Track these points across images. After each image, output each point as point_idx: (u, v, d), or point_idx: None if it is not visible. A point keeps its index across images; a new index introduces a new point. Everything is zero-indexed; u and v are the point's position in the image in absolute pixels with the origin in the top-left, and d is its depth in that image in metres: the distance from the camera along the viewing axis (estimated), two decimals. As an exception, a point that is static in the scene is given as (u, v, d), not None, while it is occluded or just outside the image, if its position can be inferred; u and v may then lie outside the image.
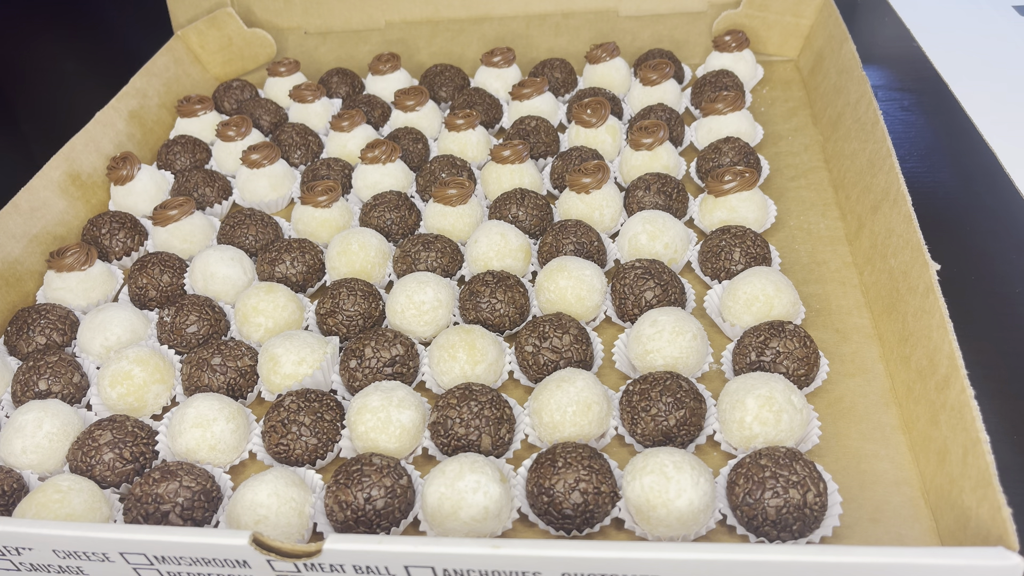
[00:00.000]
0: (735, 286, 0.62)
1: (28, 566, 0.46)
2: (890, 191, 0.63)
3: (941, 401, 0.50)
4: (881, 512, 0.51)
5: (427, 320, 0.64)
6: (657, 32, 0.98)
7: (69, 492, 0.52)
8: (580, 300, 0.63)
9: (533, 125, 0.83)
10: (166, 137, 0.95)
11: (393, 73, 0.96)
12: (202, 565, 0.43)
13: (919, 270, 0.56)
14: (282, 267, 0.70)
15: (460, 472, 0.50)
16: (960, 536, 0.46)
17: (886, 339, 0.61)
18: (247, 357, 0.63)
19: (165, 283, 0.71)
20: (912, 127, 0.89)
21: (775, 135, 0.84)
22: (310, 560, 0.41)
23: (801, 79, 0.92)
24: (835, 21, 0.85)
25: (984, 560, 0.36)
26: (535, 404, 0.56)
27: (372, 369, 0.60)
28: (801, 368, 0.56)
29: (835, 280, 0.67)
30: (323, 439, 0.57)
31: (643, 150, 0.76)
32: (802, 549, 0.37)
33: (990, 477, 0.43)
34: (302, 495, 0.52)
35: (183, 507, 0.52)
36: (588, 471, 0.50)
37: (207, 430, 0.56)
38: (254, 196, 0.82)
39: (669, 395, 0.54)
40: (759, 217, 0.71)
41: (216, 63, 1.04)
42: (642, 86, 0.86)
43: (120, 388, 0.60)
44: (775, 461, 0.49)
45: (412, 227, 0.76)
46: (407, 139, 0.85)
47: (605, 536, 0.52)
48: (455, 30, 1.02)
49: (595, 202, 0.72)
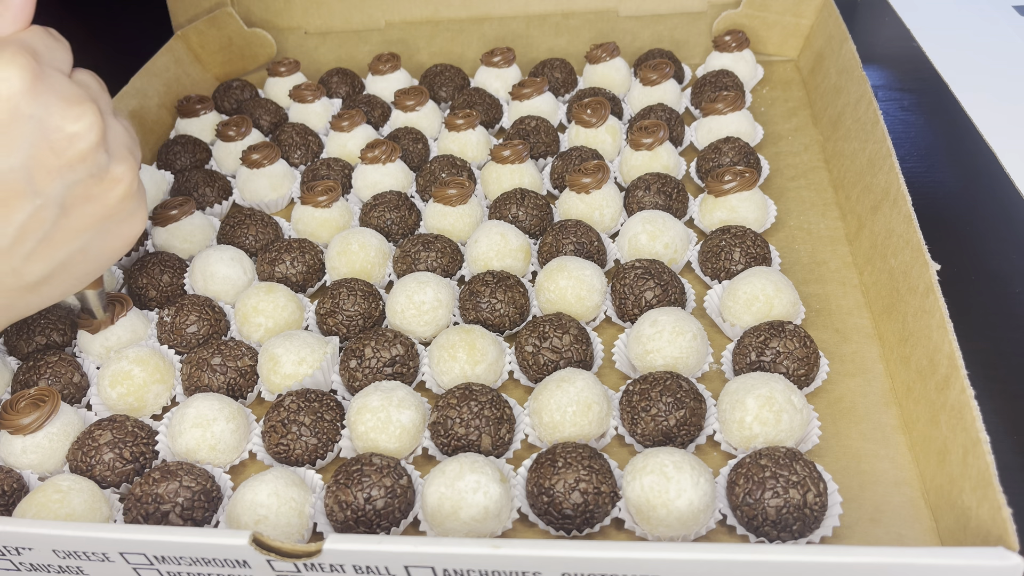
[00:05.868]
0: (735, 286, 0.62)
1: (28, 566, 0.46)
2: (890, 191, 0.63)
3: (941, 401, 0.50)
4: (881, 512, 0.51)
5: (427, 320, 0.64)
6: (657, 32, 0.98)
7: (69, 492, 0.52)
8: (580, 300, 0.63)
9: (533, 125, 0.83)
10: (166, 137, 0.95)
11: (393, 73, 0.96)
12: (202, 565, 0.43)
13: (919, 270, 0.56)
14: (282, 267, 0.70)
15: (460, 472, 0.50)
16: (960, 536, 0.46)
17: (886, 339, 0.61)
18: (247, 357, 0.63)
19: (165, 283, 0.71)
20: (912, 127, 0.89)
21: (775, 135, 0.84)
22: (310, 560, 0.41)
23: (801, 79, 0.92)
24: (835, 21, 0.85)
25: (984, 560, 0.36)
26: (535, 404, 0.56)
27: (372, 369, 0.60)
28: (801, 368, 0.56)
29: (835, 280, 0.67)
30: (323, 439, 0.57)
31: (643, 150, 0.76)
32: (802, 549, 0.37)
33: (990, 477, 0.43)
34: (302, 495, 0.52)
35: (183, 507, 0.52)
36: (588, 471, 0.50)
37: (207, 430, 0.56)
38: (254, 196, 0.82)
39: (669, 395, 0.54)
40: (759, 217, 0.71)
41: (216, 63, 1.04)
42: (642, 86, 0.86)
43: (120, 388, 0.61)
44: (775, 461, 0.49)
45: (412, 227, 0.76)
46: (407, 139, 0.85)
47: (605, 536, 0.52)
48: (455, 30, 1.02)
49: (595, 202, 0.72)
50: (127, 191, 0.50)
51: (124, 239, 0.53)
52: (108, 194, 0.50)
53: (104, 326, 0.65)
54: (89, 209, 0.49)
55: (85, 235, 0.50)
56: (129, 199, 0.51)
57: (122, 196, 0.50)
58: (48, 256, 0.49)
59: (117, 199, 0.50)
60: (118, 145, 0.50)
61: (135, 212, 0.53)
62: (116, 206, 0.50)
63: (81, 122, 0.46)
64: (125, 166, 0.50)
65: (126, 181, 0.50)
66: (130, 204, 0.52)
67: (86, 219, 0.50)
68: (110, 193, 0.50)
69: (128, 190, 0.51)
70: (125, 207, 0.51)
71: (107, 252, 0.53)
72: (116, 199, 0.50)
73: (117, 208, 0.51)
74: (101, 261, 0.53)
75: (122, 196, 0.50)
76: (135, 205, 0.52)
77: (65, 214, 0.48)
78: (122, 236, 0.53)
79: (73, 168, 0.47)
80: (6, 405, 0.57)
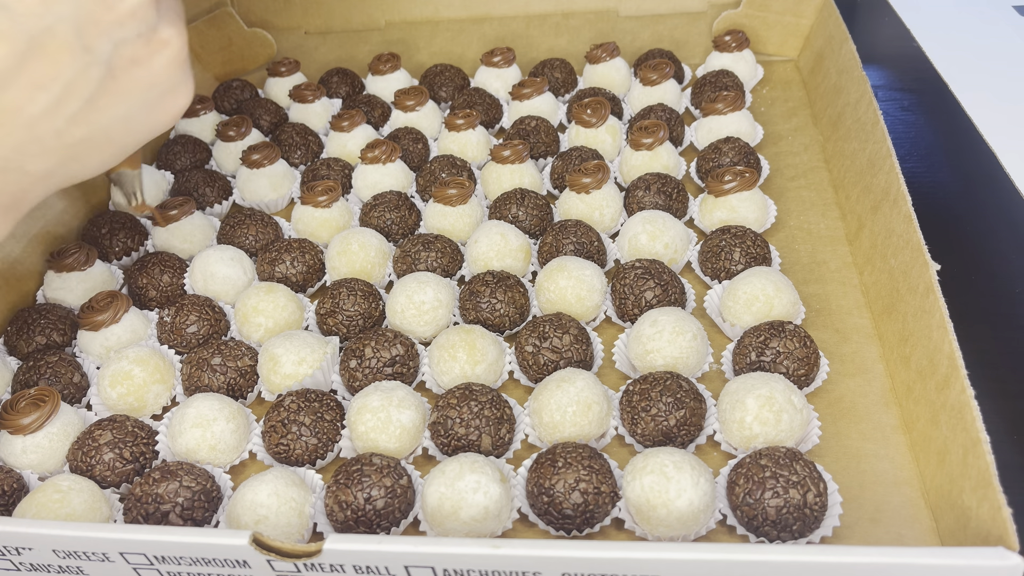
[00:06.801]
0: (735, 286, 0.62)
1: (28, 566, 0.46)
2: (890, 191, 0.63)
3: (941, 401, 0.50)
4: (881, 512, 0.51)
5: (427, 320, 0.64)
6: (657, 32, 0.98)
7: (69, 492, 0.52)
8: (580, 300, 0.63)
9: (533, 125, 0.83)
10: (166, 137, 0.95)
11: (393, 73, 0.96)
12: (202, 565, 0.43)
13: (919, 270, 0.56)
14: (282, 267, 0.70)
15: (460, 472, 0.50)
16: (960, 536, 0.46)
17: (886, 339, 0.61)
18: (247, 357, 0.63)
19: (165, 283, 0.71)
20: (912, 127, 0.89)
21: (775, 135, 0.84)
22: (310, 560, 0.41)
23: (801, 79, 0.92)
24: (835, 21, 0.85)
25: (984, 560, 0.36)
26: (535, 404, 0.56)
27: (372, 369, 0.60)
28: (801, 368, 0.56)
29: (835, 280, 0.67)
30: (323, 439, 0.57)
31: (643, 150, 0.76)
32: (802, 549, 0.37)
33: (990, 477, 0.43)
34: (302, 495, 0.52)
35: (183, 507, 0.52)
36: (588, 471, 0.50)
37: (207, 430, 0.56)
38: (254, 196, 0.82)
39: (669, 395, 0.54)
40: (759, 217, 0.71)
41: (216, 63, 1.04)
42: (642, 86, 0.86)
43: (120, 388, 0.60)
44: (775, 461, 0.49)
45: (412, 227, 0.76)
46: (407, 139, 0.85)
47: (605, 536, 0.52)
48: (455, 30, 1.02)
49: (595, 202, 0.72)
50: (175, 57, 0.49)
51: (169, 112, 0.52)
52: (155, 57, 0.48)
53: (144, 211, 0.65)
54: (136, 73, 0.48)
55: (130, 101, 0.49)
56: (176, 67, 0.50)
57: (169, 62, 0.49)
58: (92, 120, 0.48)
59: (164, 64, 0.49)
60: (167, 7, 0.49)
61: (181, 83, 0.51)
62: (162, 72, 0.49)
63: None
64: (174, 29, 0.49)
65: (175, 45, 0.49)
66: (177, 73, 0.50)
67: (132, 83, 0.48)
68: (157, 56, 0.48)
69: (176, 56, 0.49)
70: (171, 75, 0.50)
71: (150, 123, 0.51)
72: (163, 64, 0.49)
73: (163, 75, 0.49)
74: (144, 133, 0.52)
75: (169, 62, 0.49)
76: (181, 76, 0.51)
77: (112, 76, 0.47)
78: (166, 109, 0.51)
79: (123, 24, 0.45)
80: (6, 405, 0.57)
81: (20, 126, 0.46)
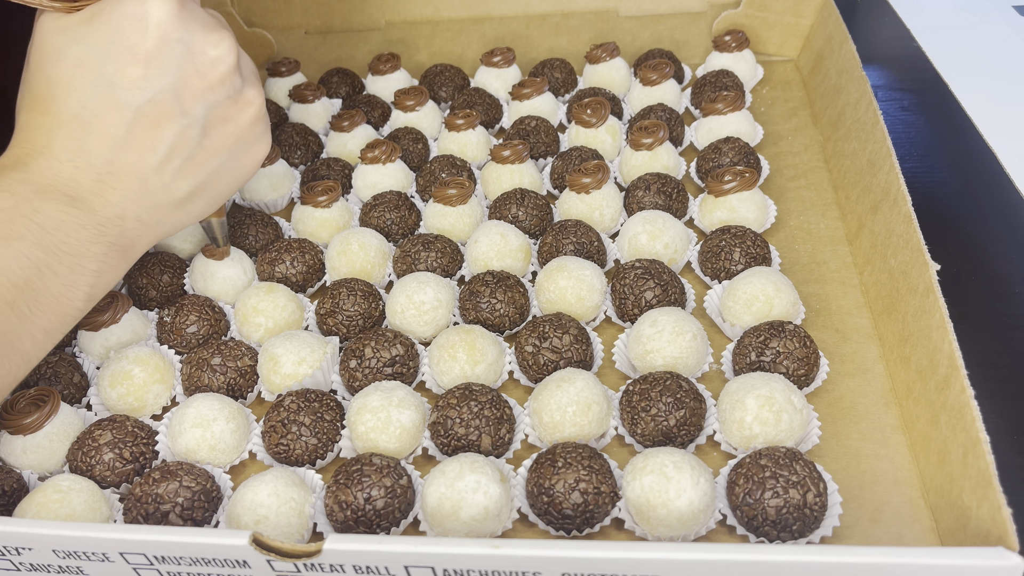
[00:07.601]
0: (735, 286, 0.62)
1: (28, 566, 0.46)
2: (890, 191, 0.63)
3: (941, 401, 0.50)
4: (881, 512, 0.51)
5: (427, 320, 0.64)
6: (657, 32, 0.98)
7: (69, 492, 0.52)
8: (580, 300, 0.63)
9: (533, 125, 0.83)
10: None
11: (393, 73, 0.96)
12: (202, 565, 0.43)
13: (919, 270, 0.56)
14: (282, 267, 0.70)
15: (460, 472, 0.50)
16: (960, 536, 0.46)
17: (886, 339, 0.61)
18: (247, 357, 0.63)
19: (165, 283, 0.71)
20: (912, 127, 0.89)
21: (775, 135, 0.84)
22: (310, 560, 0.41)
23: (801, 79, 0.92)
24: (835, 21, 0.85)
25: (984, 560, 0.36)
26: (535, 404, 0.56)
27: (372, 369, 0.60)
28: (801, 368, 0.56)
29: (835, 280, 0.67)
30: (323, 439, 0.57)
31: (643, 150, 0.76)
32: (802, 549, 0.37)
33: (990, 477, 0.43)
34: (302, 495, 0.52)
35: (183, 507, 0.52)
36: (588, 471, 0.50)
37: (207, 430, 0.56)
38: (254, 196, 0.82)
39: (669, 395, 0.54)
40: (759, 217, 0.71)
41: (216, 63, 1.04)
42: (642, 86, 0.86)
43: (120, 388, 0.60)
44: (775, 461, 0.49)
45: (412, 227, 0.76)
46: (407, 139, 0.85)
47: (605, 536, 0.52)
48: (455, 30, 1.02)
49: (595, 202, 0.72)
50: (257, 113, 0.57)
51: (252, 160, 0.59)
52: (241, 115, 0.56)
53: (225, 256, 0.69)
54: (226, 129, 0.55)
55: (222, 155, 0.56)
56: (258, 121, 0.57)
57: (253, 118, 0.56)
58: (192, 174, 0.55)
59: (249, 120, 0.56)
60: (248, 71, 0.56)
61: (263, 135, 0.59)
62: (248, 127, 0.56)
63: (221, 47, 0.52)
64: (256, 90, 0.56)
65: (257, 104, 0.56)
66: (259, 127, 0.57)
67: (223, 139, 0.55)
68: (243, 114, 0.56)
69: (258, 112, 0.57)
70: (255, 129, 0.57)
71: (239, 173, 0.58)
72: (248, 120, 0.56)
73: (248, 129, 0.56)
74: (234, 182, 0.59)
75: (253, 118, 0.56)
76: (263, 128, 0.58)
77: (206, 134, 0.54)
78: (251, 158, 0.58)
79: (214, 90, 0.53)
80: (6, 405, 0.57)
81: (135, 182, 0.52)
